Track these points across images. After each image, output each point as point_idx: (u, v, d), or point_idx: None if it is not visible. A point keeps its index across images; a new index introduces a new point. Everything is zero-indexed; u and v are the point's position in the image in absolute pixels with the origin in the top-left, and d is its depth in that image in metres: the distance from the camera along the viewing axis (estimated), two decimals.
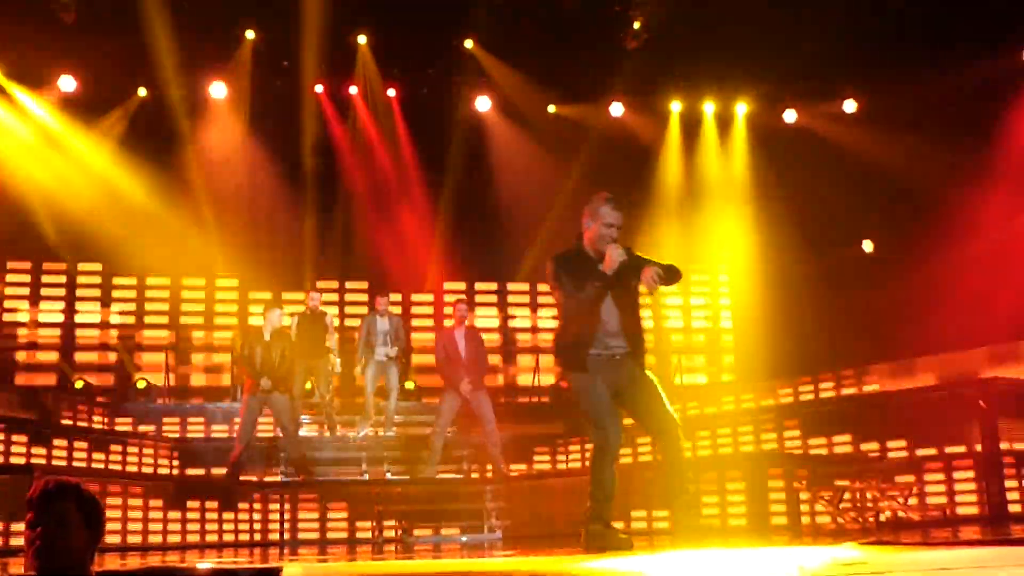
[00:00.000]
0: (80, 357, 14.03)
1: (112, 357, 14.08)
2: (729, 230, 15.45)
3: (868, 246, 14.58)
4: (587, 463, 10.55)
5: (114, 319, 14.30)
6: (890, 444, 9.30)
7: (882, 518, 8.21)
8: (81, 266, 14.33)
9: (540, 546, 7.77)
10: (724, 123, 15.37)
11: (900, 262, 12.94)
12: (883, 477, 8.45)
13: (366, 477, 10.46)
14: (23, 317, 14.03)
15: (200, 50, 13.56)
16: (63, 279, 14.26)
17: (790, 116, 15.07)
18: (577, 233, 5.41)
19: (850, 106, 14.59)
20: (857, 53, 13.34)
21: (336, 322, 12.99)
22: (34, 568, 3.06)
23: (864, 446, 9.45)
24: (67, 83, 13.56)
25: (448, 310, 13.24)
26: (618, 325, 5.28)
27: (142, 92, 13.98)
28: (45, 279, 14.22)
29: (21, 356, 13.92)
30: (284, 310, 10.82)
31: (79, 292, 14.30)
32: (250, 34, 13.43)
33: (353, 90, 14.53)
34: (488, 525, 9.63)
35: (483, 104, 14.84)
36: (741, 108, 15.24)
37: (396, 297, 14.52)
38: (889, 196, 13.31)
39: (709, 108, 15.28)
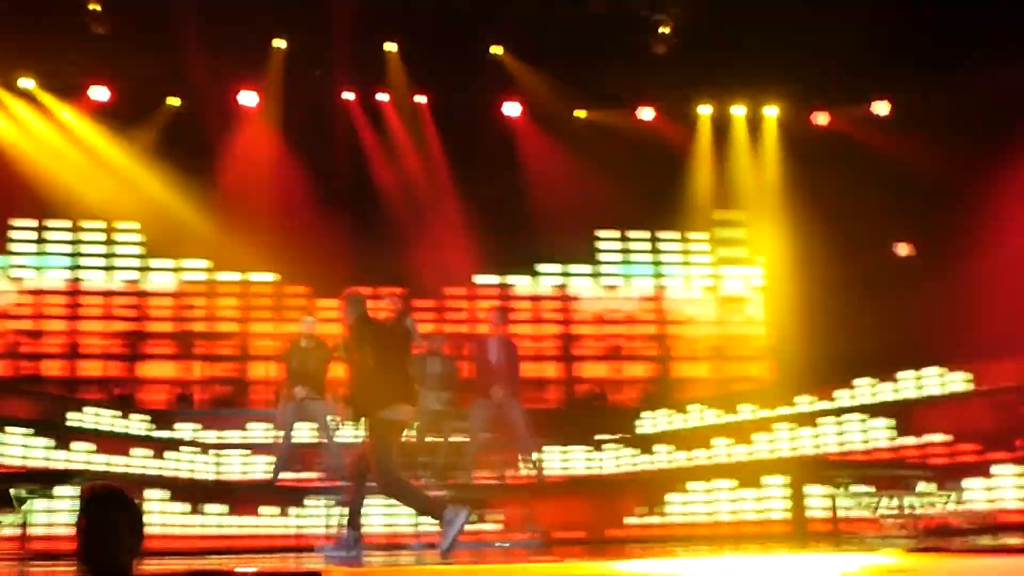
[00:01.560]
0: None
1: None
2: (762, 234, 15.36)
3: (903, 250, 14.43)
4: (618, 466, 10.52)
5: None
6: (930, 450, 9.21)
7: (925, 525, 8.12)
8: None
9: (578, 550, 7.75)
10: (755, 126, 15.28)
11: (936, 266, 12.81)
12: (925, 483, 8.36)
13: None
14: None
15: (231, 59, 13.67)
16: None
17: (821, 119, 14.97)
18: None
19: (882, 108, 14.46)
20: (889, 55, 13.19)
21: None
22: (83, 570, 3.15)
23: (904, 452, 9.36)
24: (99, 93, 13.67)
25: (482, 314, 13.21)
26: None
27: (174, 101, 14.07)
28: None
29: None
30: (316, 317, 10.78)
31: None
32: (280, 43, 13.51)
33: (383, 97, 14.57)
34: (526, 530, 9.59)
35: (513, 109, 14.86)
36: (772, 111, 15.15)
37: (428, 303, 14.55)
38: (923, 199, 13.16)
39: (739, 111, 15.21)
